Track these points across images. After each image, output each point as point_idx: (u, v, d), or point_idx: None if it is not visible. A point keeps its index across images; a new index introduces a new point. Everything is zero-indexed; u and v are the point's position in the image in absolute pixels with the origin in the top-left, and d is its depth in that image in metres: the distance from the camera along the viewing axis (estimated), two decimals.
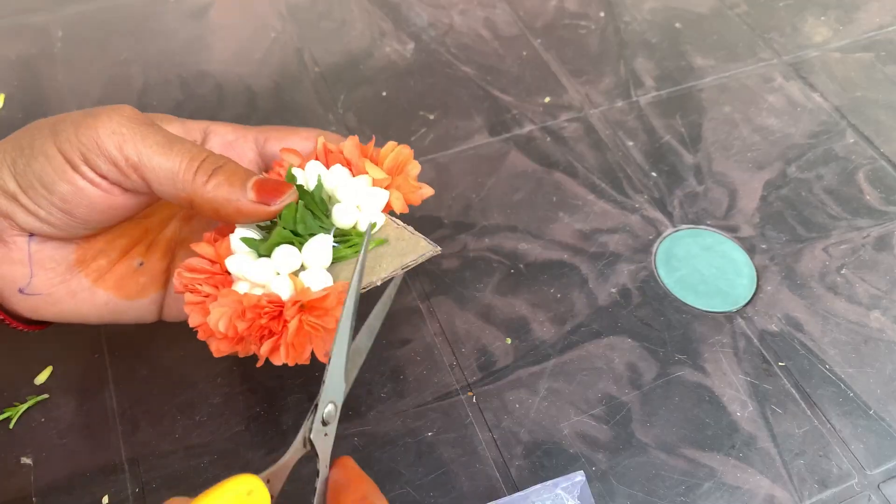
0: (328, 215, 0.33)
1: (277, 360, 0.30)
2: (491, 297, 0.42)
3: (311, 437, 0.28)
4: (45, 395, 0.38)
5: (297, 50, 0.56)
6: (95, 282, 0.33)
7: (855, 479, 0.36)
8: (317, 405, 0.28)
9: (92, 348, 0.39)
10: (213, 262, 0.32)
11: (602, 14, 0.59)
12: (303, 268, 0.31)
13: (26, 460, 0.36)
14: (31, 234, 0.31)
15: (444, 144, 0.50)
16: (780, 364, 0.40)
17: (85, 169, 0.29)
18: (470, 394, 0.39)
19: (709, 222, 0.46)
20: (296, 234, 0.32)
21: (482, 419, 0.38)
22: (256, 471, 0.35)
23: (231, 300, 0.30)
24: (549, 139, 0.50)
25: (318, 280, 0.31)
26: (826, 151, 0.50)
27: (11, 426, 0.37)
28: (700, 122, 0.52)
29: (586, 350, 0.40)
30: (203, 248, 0.32)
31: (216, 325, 0.30)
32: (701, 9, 0.60)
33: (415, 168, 0.35)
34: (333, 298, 0.30)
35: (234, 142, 0.34)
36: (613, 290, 0.43)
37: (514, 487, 0.36)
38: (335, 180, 0.33)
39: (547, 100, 0.53)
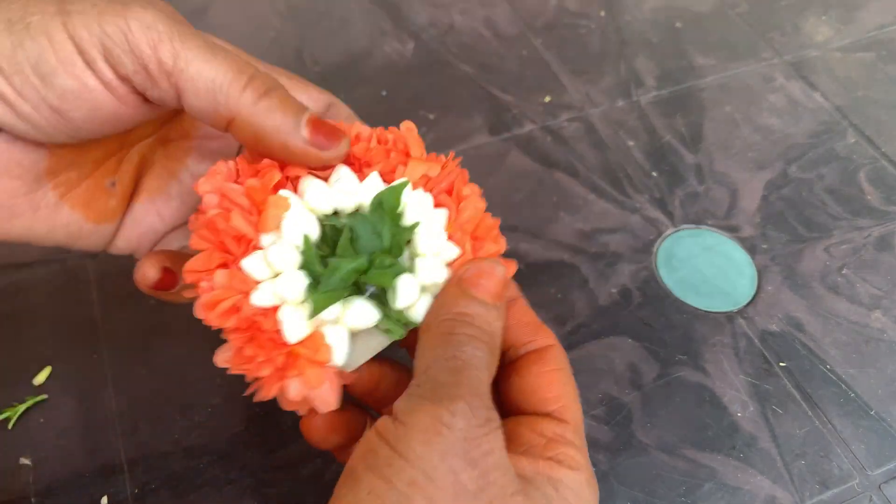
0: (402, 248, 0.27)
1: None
2: None
3: None
4: (44, 396, 0.38)
5: (297, 49, 0.55)
6: (62, 197, 0.28)
7: (856, 480, 0.36)
8: None
9: (91, 348, 0.39)
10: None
11: (603, 13, 0.59)
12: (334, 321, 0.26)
13: (25, 461, 0.36)
14: None
15: (445, 144, 0.50)
16: (781, 364, 0.40)
17: (102, 66, 0.24)
18: None
19: (710, 222, 0.46)
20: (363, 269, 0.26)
21: None
22: (254, 472, 0.36)
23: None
24: (549, 139, 0.50)
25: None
26: (827, 151, 0.50)
27: (10, 427, 0.36)
28: (701, 122, 0.52)
29: (587, 350, 0.40)
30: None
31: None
32: (702, 8, 0.60)
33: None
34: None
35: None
36: (614, 291, 0.43)
37: None
38: (417, 210, 0.26)
39: (547, 99, 0.53)
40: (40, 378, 0.38)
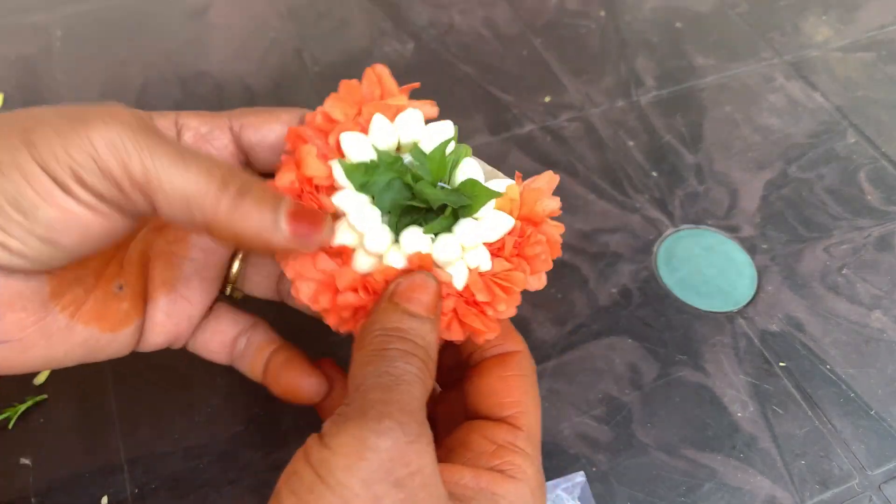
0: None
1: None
2: None
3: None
4: (44, 396, 0.38)
5: (297, 49, 0.55)
6: (73, 316, 0.27)
7: (856, 480, 0.36)
8: None
9: None
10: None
11: (602, 13, 0.59)
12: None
13: (25, 461, 0.36)
14: None
15: None
16: (781, 364, 0.40)
17: (79, 190, 0.23)
18: None
19: (710, 222, 0.46)
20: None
21: None
22: (255, 472, 0.35)
23: None
24: (549, 139, 0.50)
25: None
26: (827, 151, 0.50)
27: (10, 427, 0.36)
28: (701, 122, 0.52)
29: (587, 350, 0.40)
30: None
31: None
32: (702, 8, 0.60)
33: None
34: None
35: (208, 134, 0.28)
36: (614, 291, 0.43)
37: None
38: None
39: (547, 99, 0.53)
40: (40, 378, 0.38)
